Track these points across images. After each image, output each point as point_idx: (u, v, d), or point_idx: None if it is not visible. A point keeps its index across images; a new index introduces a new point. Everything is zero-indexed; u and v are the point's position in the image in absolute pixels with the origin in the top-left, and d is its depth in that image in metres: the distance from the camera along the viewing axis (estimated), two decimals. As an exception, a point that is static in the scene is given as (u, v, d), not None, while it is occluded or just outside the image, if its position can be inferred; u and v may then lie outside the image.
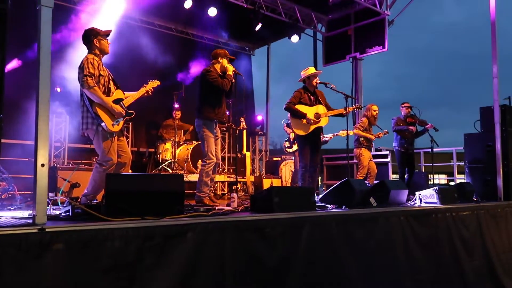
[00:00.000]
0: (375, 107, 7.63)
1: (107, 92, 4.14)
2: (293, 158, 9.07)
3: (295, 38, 10.45)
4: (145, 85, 4.59)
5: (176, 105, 8.79)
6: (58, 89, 7.80)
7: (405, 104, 7.84)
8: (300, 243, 3.39)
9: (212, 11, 8.94)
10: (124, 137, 4.32)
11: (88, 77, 3.90)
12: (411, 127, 7.57)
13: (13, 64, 6.23)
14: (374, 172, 7.49)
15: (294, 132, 5.84)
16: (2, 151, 2.84)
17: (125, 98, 4.35)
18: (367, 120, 7.56)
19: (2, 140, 2.35)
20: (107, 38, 4.25)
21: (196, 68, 9.18)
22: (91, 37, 4.11)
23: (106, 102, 4.02)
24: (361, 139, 7.48)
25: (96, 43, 4.14)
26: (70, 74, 5.63)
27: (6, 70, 2.39)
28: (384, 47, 9.59)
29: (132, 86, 4.72)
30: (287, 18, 9.94)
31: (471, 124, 7.03)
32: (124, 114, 4.21)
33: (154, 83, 4.63)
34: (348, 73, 10.49)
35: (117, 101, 4.19)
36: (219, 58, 5.36)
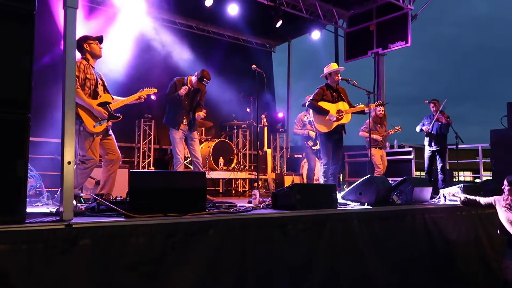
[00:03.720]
0: (381, 109, 7.70)
1: (94, 95, 4.31)
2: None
3: (316, 35, 10.38)
4: (140, 90, 4.76)
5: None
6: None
7: (431, 102, 7.89)
8: (322, 241, 3.38)
9: (233, 9, 8.95)
10: (111, 136, 4.49)
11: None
12: (424, 127, 7.73)
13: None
14: (382, 172, 7.58)
15: (317, 129, 5.82)
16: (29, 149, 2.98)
17: (114, 102, 4.51)
18: (371, 120, 7.59)
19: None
20: (100, 43, 4.39)
21: (216, 67, 9.22)
22: (80, 42, 4.27)
23: (88, 104, 4.20)
24: (367, 139, 7.55)
25: (86, 47, 4.31)
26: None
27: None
28: (407, 42, 9.43)
29: (152, 83, 4.83)
30: (308, 14, 9.87)
31: (498, 119, 6.87)
32: (107, 116, 4.35)
33: (150, 91, 4.80)
34: (370, 69, 10.38)
35: (103, 104, 4.35)
36: (196, 73, 5.76)
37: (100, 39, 4.39)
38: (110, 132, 4.48)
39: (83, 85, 4.21)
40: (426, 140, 7.89)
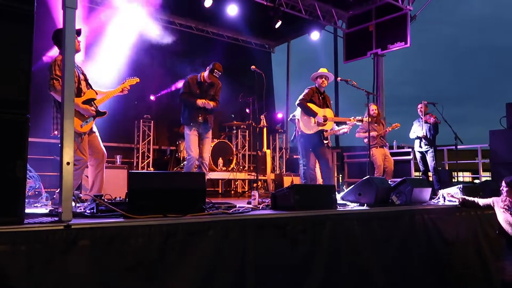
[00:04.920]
0: (373, 107, 7.73)
1: (78, 93, 4.17)
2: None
3: (315, 35, 10.38)
4: (123, 82, 4.62)
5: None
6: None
7: (418, 106, 7.97)
8: (321, 241, 3.38)
9: (232, 9, 8.95)
10: (95, 133, 4.38)
11: (54, 80, 3.95)
12: (420, 134, 7.83)
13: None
14: (390, 170, 7.50)
15: (301, 129, 5.84)
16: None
17: (97, 97, 4.38)
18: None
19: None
20: (78, 36, 4.18)
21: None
22: (58, 36, 4.04)
23: (75, 104, 4.03)
24: (365, 140, 7.55)
25: None
26: (92, 74, 5.74)
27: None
28: (406, 43, 9.43)
29: (152, 83, 4.79)
30: (307, 15, 9.87)
31: (497, 120, 6.89)
32: (94, 114, 4.26)
33: (133, 81, 4.66)
34: (369, 69, 10.38)
35: (88, 101, 4.25)
36: (207, 68, 5.67)
37: (78, 33, 4.18)
38: (95, 129, 4.39)
39: None
40: (416, 142, 7.98)
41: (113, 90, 4.55)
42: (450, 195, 4.90)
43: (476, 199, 4.70)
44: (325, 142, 5.82)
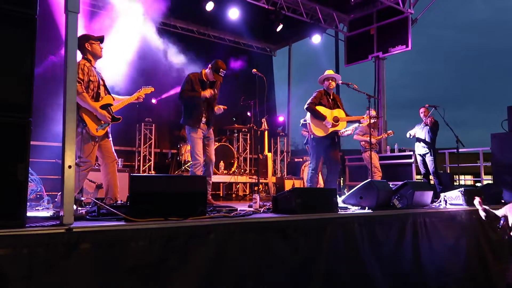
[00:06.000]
0: (372, 112, 7.76)
1: (96, 97, 4.26)
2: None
3: (316, 38, 10.40)
4: (139, 90, 4.70)
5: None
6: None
7: (421, 110, 8.00)
8: (322, 244, 3.38)
9: (234, 13, 8.98)
10: (109, 139, 4.44)
11: (77, 82, 3.95)
12: (412, 132, 7.94)
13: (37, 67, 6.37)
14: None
15: (312, 133, 5.84)
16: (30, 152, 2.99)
17: (114, 103, 4.45)
18: (366, 126, 7.68)
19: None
20: (101, 43, 4.33)
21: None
22: (82, 41, 4.18)
23: (93, 108, 4.16)
24: (362, 143, 7.78)
25: (88, 47, 4.24)
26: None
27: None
28: (407, 46, 9.45)
29: (154, 87, 4.80)
30: (308, 18, 9.90)
31: (499, 123, 6.88)
32: (110, 119, 4.32)
33: (148, 90, 4.74)
34: (371, 72, 10.40)
35: (105, 106, 4.31)
36: (209, 66, 5.57)
37: (101, 39, 4.33)
38: (109, 134, 4.43)
39: (87, 88, 4.15)
40: (416, 145, 7.99)
41: (129, 97, 4.63)
42: (478, 202, 4.67)
43: (495, 211, 4.54)
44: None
